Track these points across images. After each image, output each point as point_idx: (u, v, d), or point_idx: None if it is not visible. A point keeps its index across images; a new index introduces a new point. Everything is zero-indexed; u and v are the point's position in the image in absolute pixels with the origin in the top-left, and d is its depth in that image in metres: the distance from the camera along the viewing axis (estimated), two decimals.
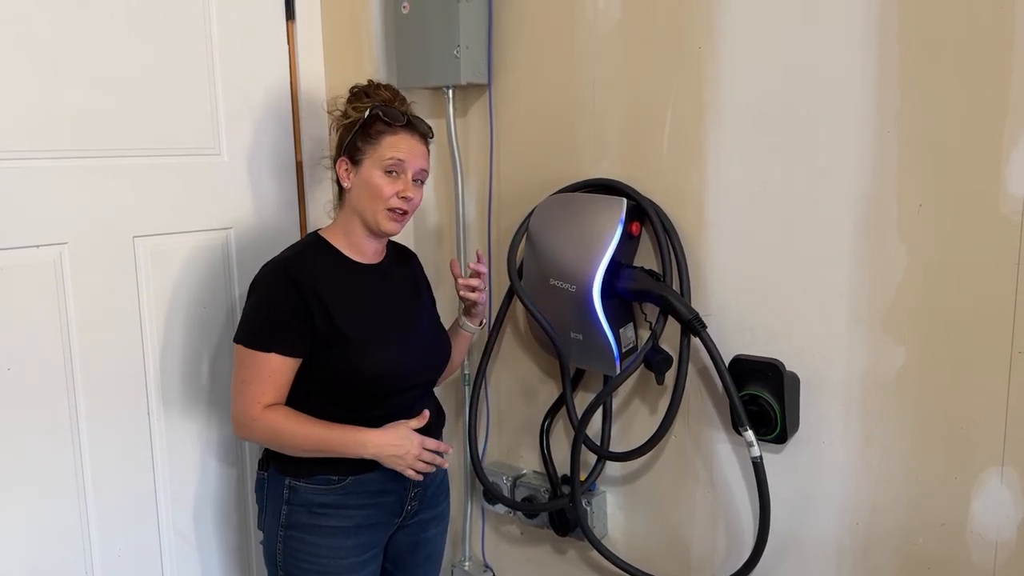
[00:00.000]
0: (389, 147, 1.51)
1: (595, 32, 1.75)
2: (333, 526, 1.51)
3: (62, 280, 1.56)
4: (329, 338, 1.46)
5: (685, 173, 1.66)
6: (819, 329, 1.54)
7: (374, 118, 1.52)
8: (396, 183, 1.51)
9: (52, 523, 1.59)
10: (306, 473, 1.51)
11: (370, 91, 1.57)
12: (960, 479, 1.44)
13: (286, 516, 1.52)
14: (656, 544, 1.84)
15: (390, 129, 1.52)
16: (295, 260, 1.51)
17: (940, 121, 1.37)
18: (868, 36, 1.42)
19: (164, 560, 1.78)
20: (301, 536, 1.51)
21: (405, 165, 1.51)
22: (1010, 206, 1.32)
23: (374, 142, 1.51)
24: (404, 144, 1.52)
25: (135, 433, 1.70)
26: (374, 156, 1.51)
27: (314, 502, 1.51)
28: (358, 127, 1.53)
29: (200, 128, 1.76)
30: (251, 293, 1.51)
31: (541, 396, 1.98)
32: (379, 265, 1.60)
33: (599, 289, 1.64)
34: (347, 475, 1.51)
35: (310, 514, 1.51)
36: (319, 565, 1.51)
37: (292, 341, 1.45)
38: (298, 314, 1.45)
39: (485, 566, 2.18)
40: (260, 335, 1.46)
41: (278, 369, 1.45)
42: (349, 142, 1.54)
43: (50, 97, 1.52)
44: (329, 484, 1.51)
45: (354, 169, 1.53)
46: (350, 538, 1.52)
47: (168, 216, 1.71)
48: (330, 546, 1.51)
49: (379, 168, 1.51)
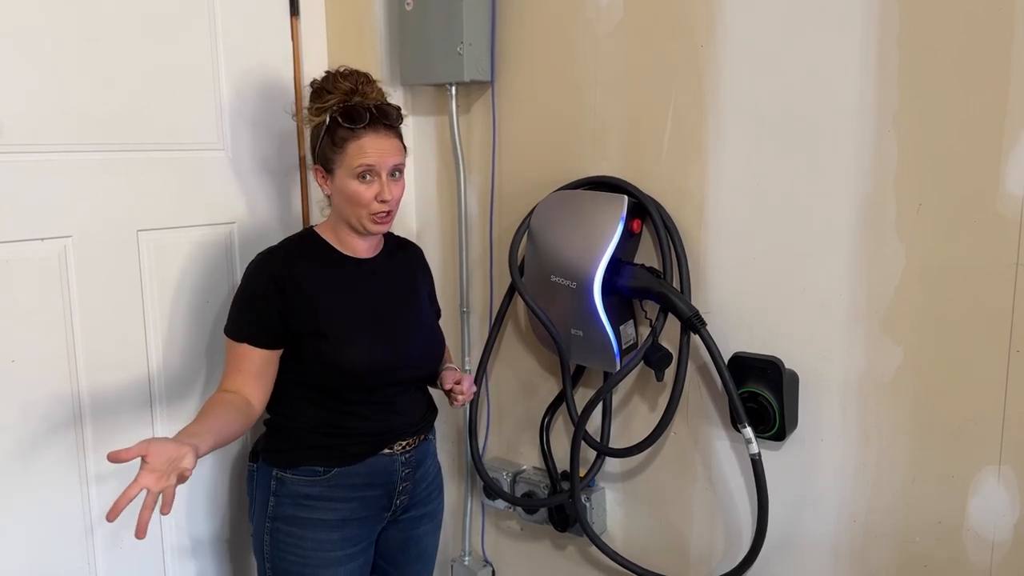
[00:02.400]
0: (356, 154, 1.45)
1: (597, 31, 1.75)
2: (318, 518, 1.52)
3: (66, 273, 1.57)
4: (307, 332, 1.48)
5: (686, 172, 1.67)
6: (818, 328, 1.55)
7: (334, 123, 1.46)
8: (372, 187, 1.46)
9: (55, 513, 1.60)
10: (292, 464, 1.52)
11: (329, 86, 1.49)
12: (957, 478, 1.44)
13: (273, 507, 1.53)
14: (655, 540, 1.85)
15: (353, 133, 1.45)
16: (280, 253, 1.53)
17: (939, 121, 1.37)
18: (868, 37, 1.42)
19: (166, 552, 1.79)
20: (287, 528, 1.52)
21: (376, 168, 1.46)
22: (1008, 206, 1.33)
23: (340, 150, 1.46)
24: (370, 146, 1.45)
25: (137, 425, 1.71)
26: (344, 164, 1.46)
27: (300, 493, 1.51)
28: (323, 133, 1.47)
29: (204, 123, 1.77)
30: (240, 282, 1.54)
31: (541, 392, 1.98)
32: (371, 260, 1.59)
33: (600, 286, 1.65)
34: (332, 467, 1.52)
35: (296, 506, 1.51)
36: (305, 558, 1.51)
37: (265, 333, 1.47)
38: (273, 308, 1.46)
39: (485, 561, 2.19)
40: (237, 325, 1.50)
41: (247, 356, 1.48)
42: (319, 150, 1.49)
43: (55, 92, 1.54)
44: (315, 475, 1.51)
45: (329, 177, 1.50)
46: (335, 531, 1.52)
47: (172, 210, 1.72)
48: (316, 538, 1.51)
49: (351, 176, 1.46)
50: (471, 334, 2.10)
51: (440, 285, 2.11)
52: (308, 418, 1.53)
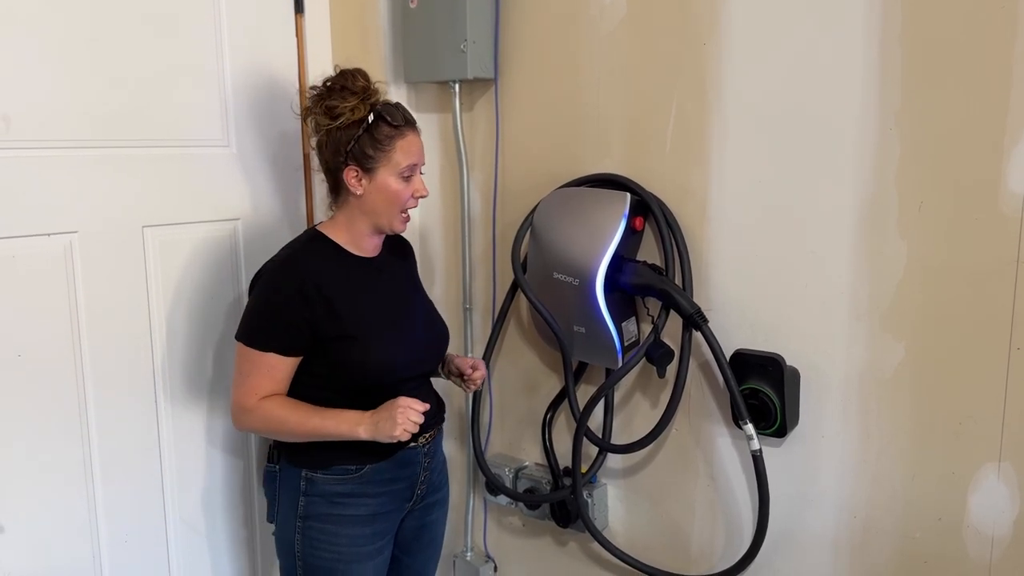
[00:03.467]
0: (403, 154, 1.48)
1: (600, 28, 1.76)
2: (351, 515, 1.53)
3: (72, 268, 1.58)
4: (334, 336, 1.47)
5: (688, 169, 1.67)
6: (819, 325, 1.55)
7: (379, 121, 1.47)
8: (411, 185, 1.52)
9: (60, 507, 1.61)
10: (323, 464, 1.52)
11: (350, 83, 1.48)
12: (957, 475, 1.45)
13: (304, 507, 1.53)
14: (656, 536, 1.86)
15: (397, 132, 1.48)
16: (298, 258, 1.50)
17: (941, 120, 1.38)
18: (870, 36, 1.43)
19: (170, 546, 1.80)
20: (320, 526, 1.53)
21: (419, 166, 1.53)
22: (1010, 204, 1.33)
23: (385, 148, 1.47)
24: (414, 146, 1.50)
25: (142, 420, 1.72)
26: (389, 164, 1.48)
27: (332, 492, 1.52)
28: (361, 132, 1.46)
29: (209, 120, 1.78)
30: (252, 291, 1.53)
31: (543, 389, 1.99)
32: (377, 258, 1.60)
33: (602, 283, 1.65)
34: (364, 464, 1.53)
35: (329, 504, 1.52)
36: (338, 554, 1.53)
37: (290, 342, 1.46)
38: (297, 315, 1.44)
39: (487, 557, 2.20)
40: (258, 334, 1.46)
41: (275, 366, 1.47)
42: (355, 148, 1.47)
43: (62, 88, 1.54)
44: (347, 474, 1.53)
45: (366, 176, 1.49)
46: (367, 526, 1.55)
47: (177, 207, 1.73)
48: (350, 535, 1.53)
49: (395, 175, 1.49)
50: (474, 331, 2.10)
51: (443, 282, 2.12)
52: None
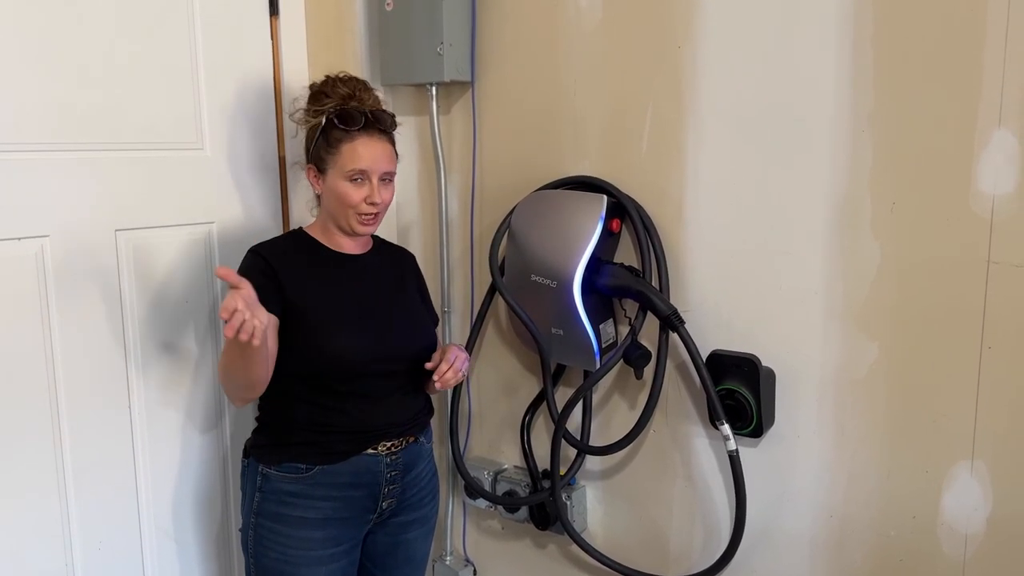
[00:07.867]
0: (349, 157, 1.50)
1: (577, 31, 1.77)
2: (300, 516, 1.51)
3: (44, 273, 1.56)
4: (294, 312, 1.49)
5: (664, 171, 1.68)
6: (794, 325, 1.56)
7: (330, 124, 1.51)
8: (362, 189, 1.52)
9: (32, 515, 1.59)
10: (276, 460, 1.53)
11: (328, 89, 1.55)
12: (931, 472, 1.46)
13: (258, 503, 1.54)
14: (635, 537, 1.86)
15: (348, 136, 1.50)
16: (267, 244, 1.57)
17: (913, 121, 1.40)
18: (843, 38, 1.45)
19: (144, 553, 1.78)
20: (271, 525, 1.52)
21: (368, 173, 1.51)
22: (980, 204, 1.35)
23: (334, 151, 1.51)
24: (364, 151, 1.50)
25: (116, 426, 1.70)
26: (336, 166, 1.51)
27: (283, 490, 1.52)
28: (318, 134, 1.53)
29: (183, 122, 1.76)
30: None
31: (522, 391, 1.99)
32: (361, 257, 1.62)
33: (580, 285, 1.66)
34: (315, 464, 1.52)
35: (279, 503, 1.52)
36: (286, 555, 1.51)
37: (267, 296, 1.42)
38: (270, 277, 1.48)
39: (466, 561, 2.19)
40: None
41: None
42: (313, 150, 1.55)
43: (34, 90, 1.52)
44: (297, 472, 1.52)
45: (321, 176, 1.55)
46: (317, 530, 1.52)
47: (150, 210, 1.71)
48: (297, 536, 1.51)
49: (343, 178, 1.51)
50: (452, 334, 2.10)
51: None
52: (293, 415, 1.53)
